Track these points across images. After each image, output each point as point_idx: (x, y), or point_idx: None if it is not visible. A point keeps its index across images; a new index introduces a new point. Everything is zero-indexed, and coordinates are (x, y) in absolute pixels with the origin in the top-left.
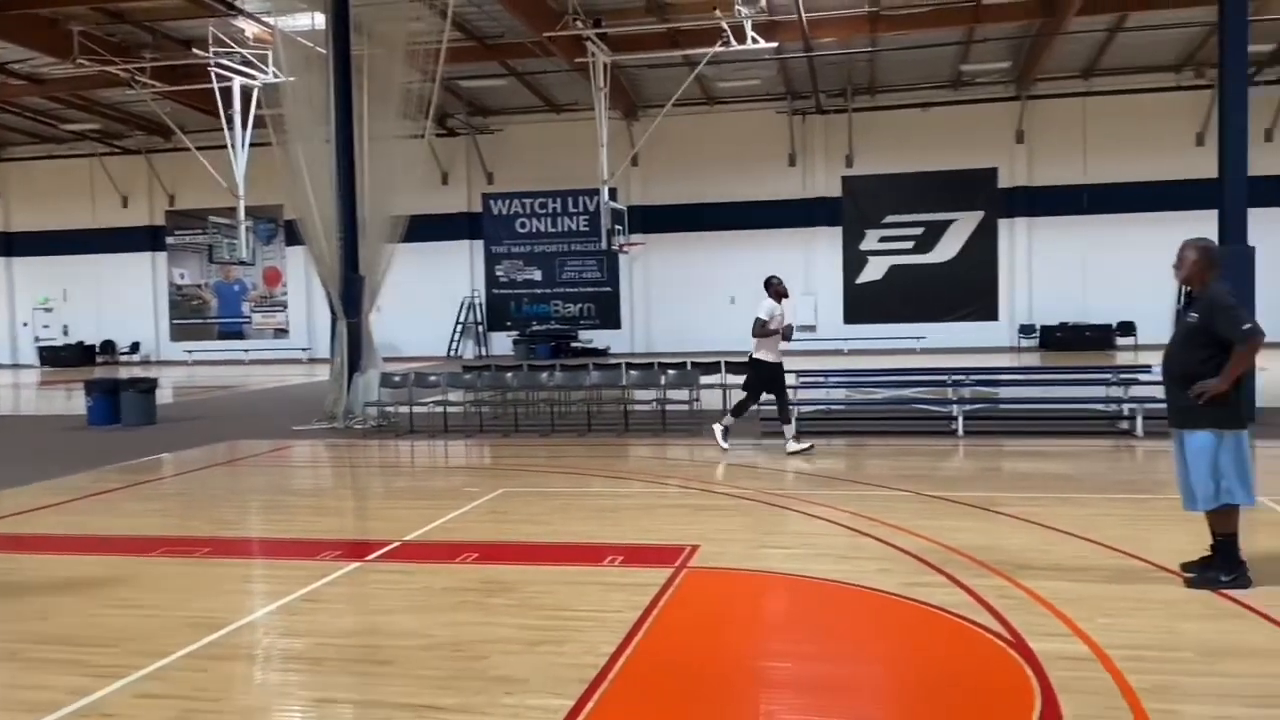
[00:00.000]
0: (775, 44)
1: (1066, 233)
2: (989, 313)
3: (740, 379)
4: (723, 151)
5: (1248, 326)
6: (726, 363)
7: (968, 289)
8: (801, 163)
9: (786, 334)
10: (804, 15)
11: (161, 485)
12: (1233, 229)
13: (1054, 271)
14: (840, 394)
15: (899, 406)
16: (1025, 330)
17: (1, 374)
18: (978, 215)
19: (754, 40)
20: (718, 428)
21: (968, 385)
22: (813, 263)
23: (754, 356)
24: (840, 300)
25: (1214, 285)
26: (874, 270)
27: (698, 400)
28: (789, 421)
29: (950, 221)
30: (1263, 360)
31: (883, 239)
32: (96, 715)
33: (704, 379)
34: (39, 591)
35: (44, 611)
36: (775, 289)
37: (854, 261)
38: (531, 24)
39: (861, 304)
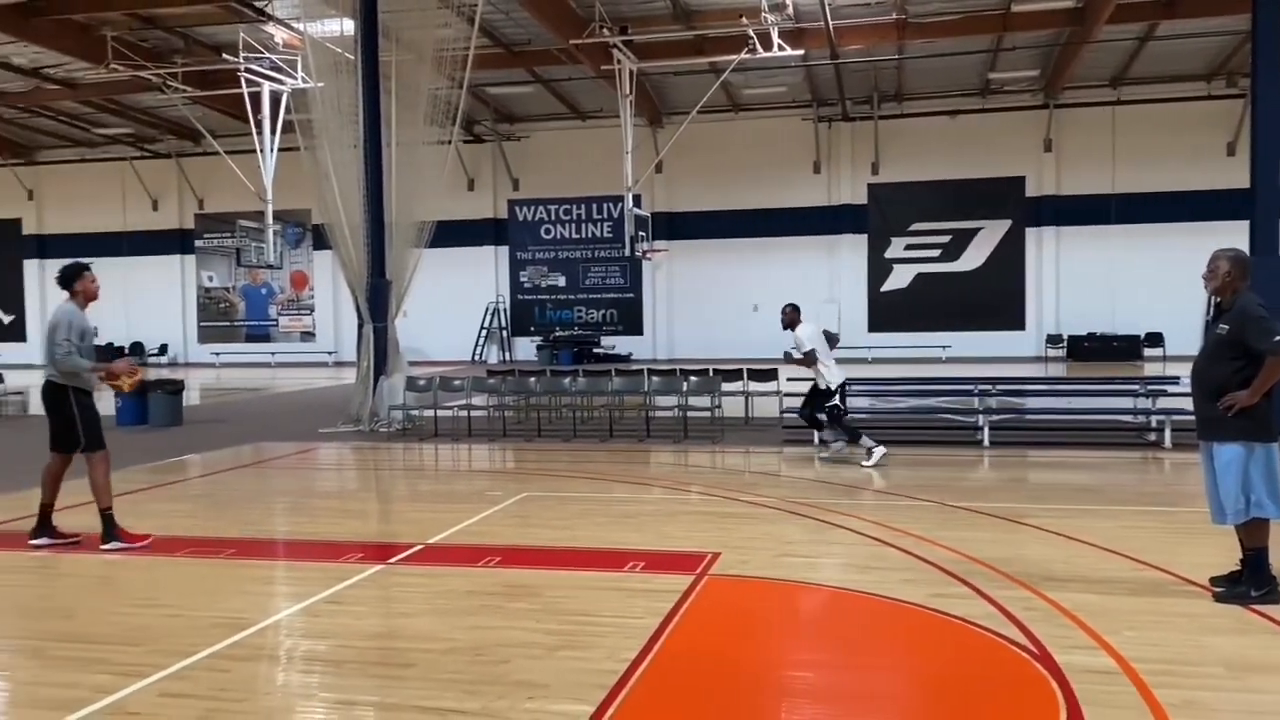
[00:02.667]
0: (801, 51)
1: (1094, 242)
2: (1016, 322)
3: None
4: (748, 158)
5: (1279, 338)
6: (749, 370)
7: (994, 298)
8: (827, 170)
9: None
10: (830, 23)
11: (188, 486)
12: (1263, 240)
13: (1081, 281)
14: (864, 403)
15: (924, 416)
16: (1053, 340)
17: (33, 374)
18: (1005, 224)
19: (780, 48)
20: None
21: (994, 395)
22: (837, 270)
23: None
24: (864, 308)
25: (1244, 296)
26: (899, 278)
27: (719, 407)
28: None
29: (977, 230)
30: None
31: (908, 247)
32: (121, 714)
33: (726, 386)
34: (65, 590)
35: (69, 610)
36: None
37: (879, 269)
38: (558, 31)
39: (886, 312)
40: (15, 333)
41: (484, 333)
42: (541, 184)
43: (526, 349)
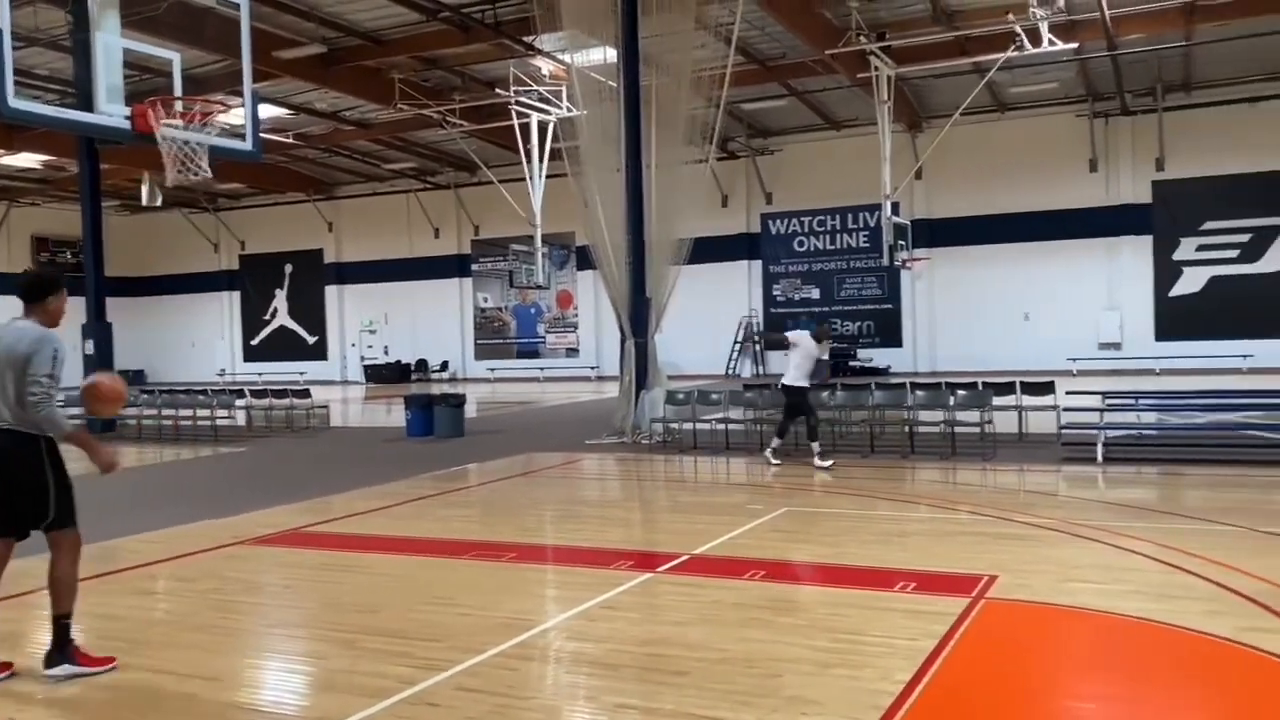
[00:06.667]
0: (1075, 45)
1: None
2: None
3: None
4: (1014, 160)
5: None
6: (1023, 383)
7: None
8: (1104, 168)
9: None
10: (1107, 12)
11: (469, 493)
12: None
13: None
14: (1151, 418)
15: (1225, 433)
16: None
17: (335, 390)
18: None
19: (1051, 42)
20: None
21: None
22: (1118, 275)
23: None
24: (1150, 315)
25: None
26: (1190, 282)
27: (990, 423)
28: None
29: None
30: None
31: (1201, 247)
32: (423, 704)
33: (997, 400)
34: (369, 587)
35: (375, 606)
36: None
37: (1166, 273)
38: (814, 42)
39: (1176, 319)
40: (318, 352)
41: (737, 346)
42: (795, 196)
43: (779, 362)
